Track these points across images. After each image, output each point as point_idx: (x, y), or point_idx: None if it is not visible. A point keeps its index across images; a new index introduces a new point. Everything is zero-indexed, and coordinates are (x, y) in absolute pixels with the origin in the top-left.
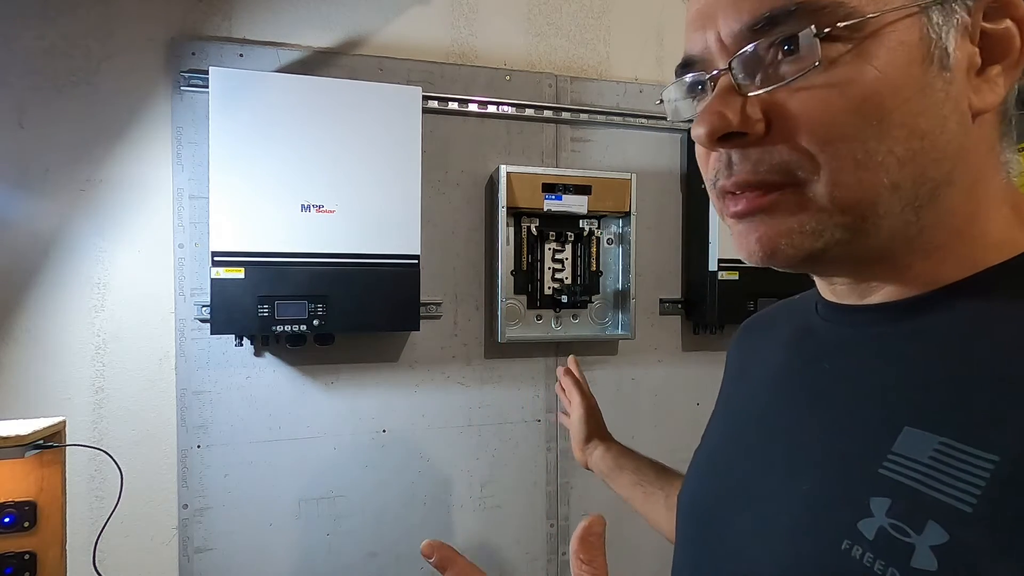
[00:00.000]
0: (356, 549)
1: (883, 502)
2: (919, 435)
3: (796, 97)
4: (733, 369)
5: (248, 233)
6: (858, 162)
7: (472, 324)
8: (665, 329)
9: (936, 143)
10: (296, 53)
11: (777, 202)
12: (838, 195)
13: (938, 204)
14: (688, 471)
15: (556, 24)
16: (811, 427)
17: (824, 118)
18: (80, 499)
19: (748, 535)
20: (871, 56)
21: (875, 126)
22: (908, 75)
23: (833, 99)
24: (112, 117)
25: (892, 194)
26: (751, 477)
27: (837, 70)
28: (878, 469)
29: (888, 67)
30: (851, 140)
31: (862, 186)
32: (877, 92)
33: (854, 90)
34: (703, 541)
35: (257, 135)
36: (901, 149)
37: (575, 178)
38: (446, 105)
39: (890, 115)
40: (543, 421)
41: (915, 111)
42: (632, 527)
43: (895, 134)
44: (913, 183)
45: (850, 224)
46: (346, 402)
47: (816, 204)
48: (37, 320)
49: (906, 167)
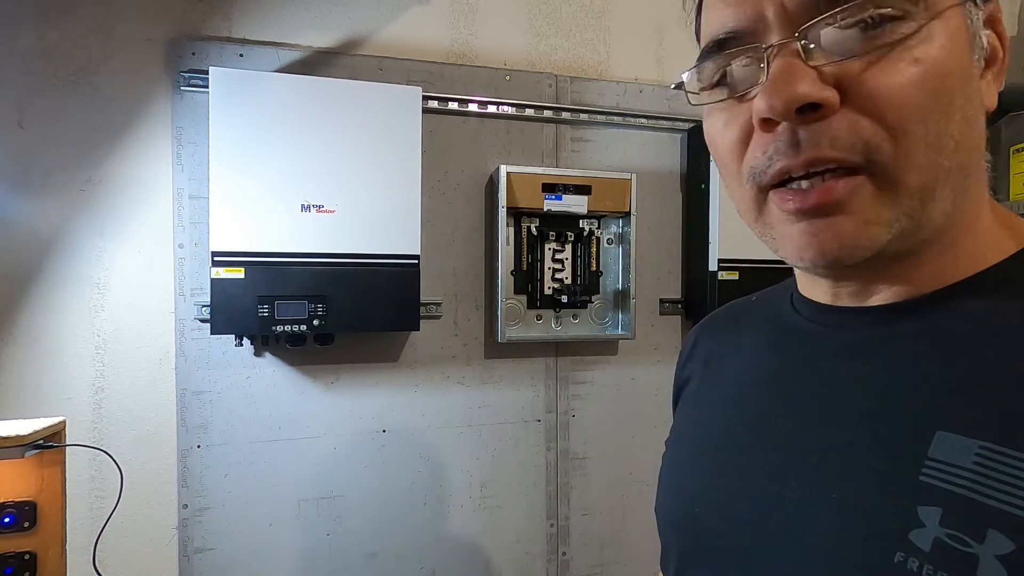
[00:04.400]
0: (356, 549)
1: (934, 511)
2: (955, 439)
3: (873, 71)
4: (698, 370)
5: (248, 233)
6: (929, 143)
7: (472, 324)
8: (665, 329)
9: (973, 131)
10: (296, 53)
11: (856, 190)
12: (912, 178)
13: (967, 195)
14: (662, 481)
15: (556, 24)
16: (825, 433)
17: (904, 94)
18: (80, 499)
19: (765, 547)
20: (938, 37)
21: (945, 106)
22: (964, 60)
23: (913, 75)
24: (112, 117)
25: (947, 179)
26: (752, 485)
27: (913, 47)
28: (918, 477)
29: (951, 49)
30: (926, 119)
31: (931, 168)
32: (948, 72)
33: (930, 68)
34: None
35: (257, 135)
36: (957, 132)
37: (575, 178)
38: (446, 105)
39: (953, 97)
40: (543, 421)
41: (967, 96)
42: (632, 527)
43: (956, 117)
44: (960, 170)
45: (915, 211)
46: (346, 402)
47: (892, 189)
48: (37, 320)
49: (958, 152)
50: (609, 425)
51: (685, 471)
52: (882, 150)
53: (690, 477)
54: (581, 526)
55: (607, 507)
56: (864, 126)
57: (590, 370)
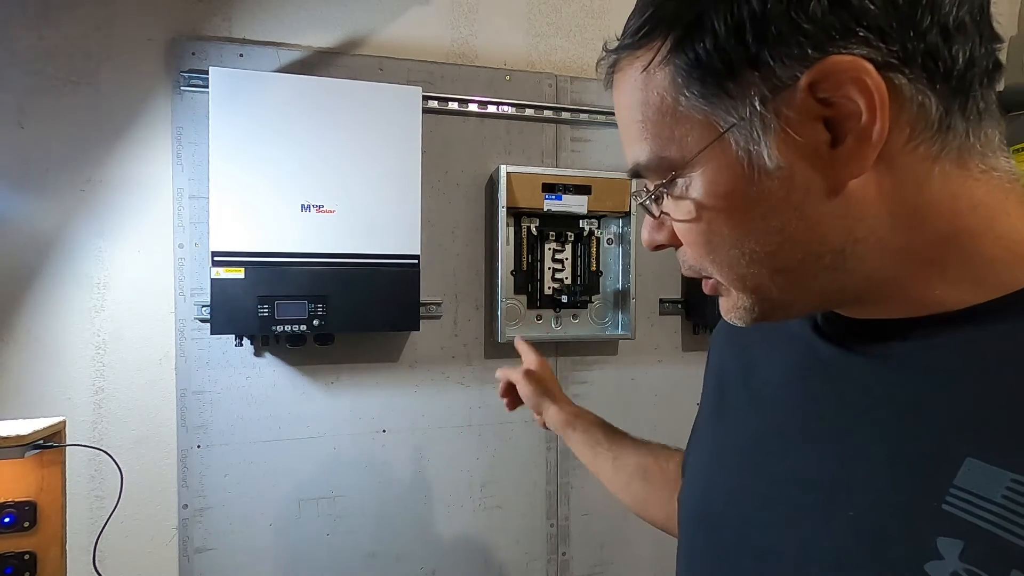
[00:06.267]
0: (356, 549)
1: (955, 544)
2: (985, 469)
3: (675, 225)
4: (729, 363)
5: (248, 233)
6: (731, 266)
7: (472, 324)
8: (665, 329)
9: (801, 226)
10: (296, 53)
11: (715, 287)
12: (735, 286)
13: (858, 258)
14: (689, 469)
15: (556, 24)
16: (850, 444)
17: (690, 243)
18: (80, 499)
19: (773, 550)
20: (699, 191)
21: (725, 242)
22: (734, 194)
23: (689, 231)
24: (112, 117)
25: (781, 275)
26: (775, 491)
27: (682, 207)
28: (941, 505)
29: (719, 197)
30: (715, 255)
31: (749, 278)
32: (713, 219)
33: (697, 224)
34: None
35: (257, 135)
36: (762, 246)
37: (575, 178)
38: (446, 105)
39: (734, 231)
40: None
41: (760, 215)
42: (632, 527)
43: (750, 239)
44: (801, 261)
45: (762, 299)
46: (346, 402)
47: (729, 290)
48: (37, 320)
49: (779, 256)
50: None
51: (711, 466)
52: (709, 270)
53: (715, 473)
54: (581, 526)
55: (607, 507)
56: (691, 255)
57: (590, 370)
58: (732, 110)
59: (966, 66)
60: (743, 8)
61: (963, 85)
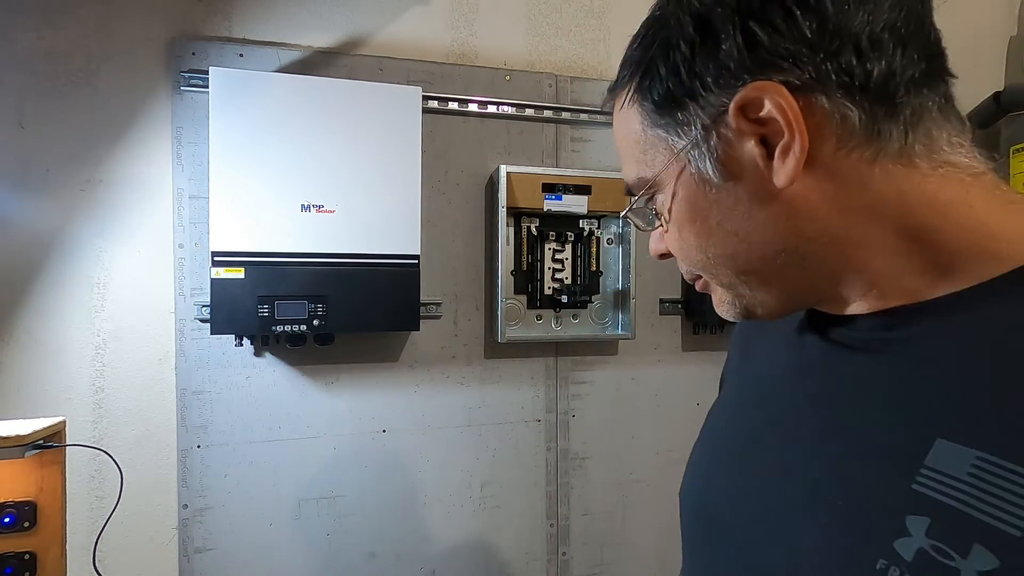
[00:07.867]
0: (356, 549)
1: (922, 521)
2: (953, 448)
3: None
4: (735, 360)
5: (248, 233)
6: (704, 267)
7: (472, 324)
8: (665, 329)
9: (755, 230)
10: (296, 53)
11: (706, 285)
12: (716, 283)
13: (816, 257)
14: (691, 464)
15: (556, 24)
16: (836, 435)
17: (672, 249)
18: (80, 499)
19: (765, 544)
20: (668, 204)
21: (693, 246)
22: (696, 205)
23: (669, 239)
24: (112, 117)
25: (746, 275)
26: (767, 483)
27: (663, 219)
28: (911, 485)
29: (682, 209)
30: (689, 258)
31: (721, 276)
32: (681, 227)
33: (672, 233)
34: (712, 546)
35: (257, 135)
36: (723, 249)
37: (575, 178)
38: (446, 105)
39: (698, 237)
40: (543, 421)
41: (716, 223)
42: (632, 527)
43: (712, 243)
44: (760, 261)
45: (739, 296)
46: (346, 402)
47: (716, 288)
48: (37, 320)
49: (739, 257)
50: (609, 425)
51: (710, 461)
52: (700, 274)
53: (713, 468)
54: (581, 526)
55: (607, 507)
56: (683, 264)
57: (590, 370)
58: (682, 135)
59: (885, 78)
60: (677, 53)
61: (885, 94)
